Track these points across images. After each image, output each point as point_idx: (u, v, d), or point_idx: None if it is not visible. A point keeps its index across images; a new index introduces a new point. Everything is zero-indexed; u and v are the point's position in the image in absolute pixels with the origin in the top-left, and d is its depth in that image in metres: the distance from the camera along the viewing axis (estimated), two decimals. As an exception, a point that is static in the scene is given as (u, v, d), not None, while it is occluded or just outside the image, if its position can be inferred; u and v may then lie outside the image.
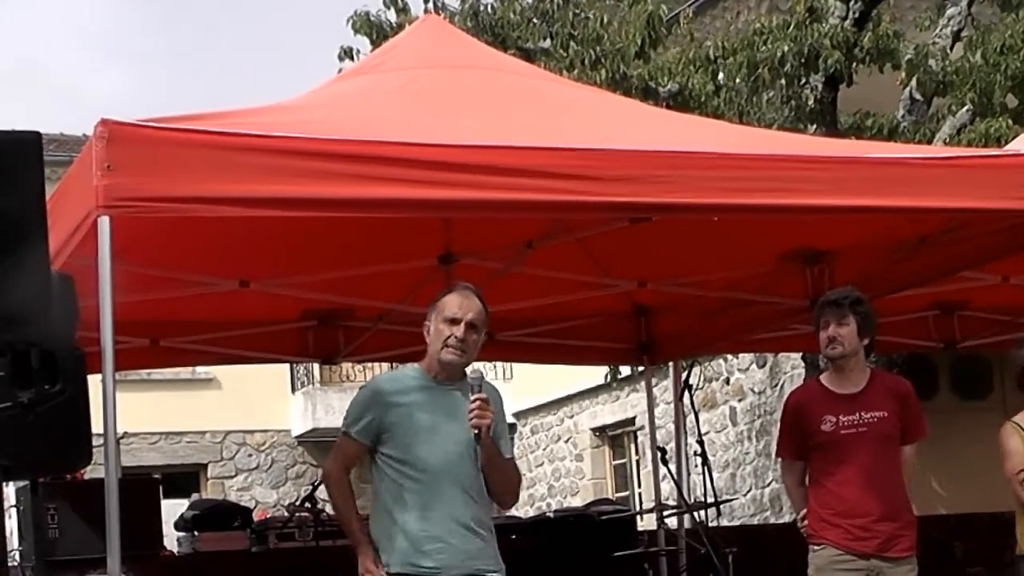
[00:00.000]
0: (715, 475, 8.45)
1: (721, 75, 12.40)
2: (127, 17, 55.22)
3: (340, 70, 11.73)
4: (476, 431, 5.11)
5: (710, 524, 8.20)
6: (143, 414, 18.76)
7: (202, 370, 20.10)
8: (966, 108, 11.91)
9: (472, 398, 5.12)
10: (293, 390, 22.51)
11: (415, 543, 5.11)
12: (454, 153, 5.42)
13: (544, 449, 20.23)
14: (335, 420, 21.42)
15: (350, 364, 19.26)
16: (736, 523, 14.53)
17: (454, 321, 5.20)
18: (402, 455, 5.18)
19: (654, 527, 8.92)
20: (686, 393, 8.18)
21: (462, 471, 5.15)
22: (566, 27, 12.38)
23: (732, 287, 8.14)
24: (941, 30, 12.54)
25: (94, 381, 4.56)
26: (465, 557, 5.14)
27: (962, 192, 6.02)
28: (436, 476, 5.13)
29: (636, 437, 18.23)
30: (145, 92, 48.92)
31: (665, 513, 8.70)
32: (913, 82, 12.17)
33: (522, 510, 18.62)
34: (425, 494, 5.13)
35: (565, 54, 12.14)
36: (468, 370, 5.24)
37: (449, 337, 5.18)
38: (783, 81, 11.97)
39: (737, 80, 12.19)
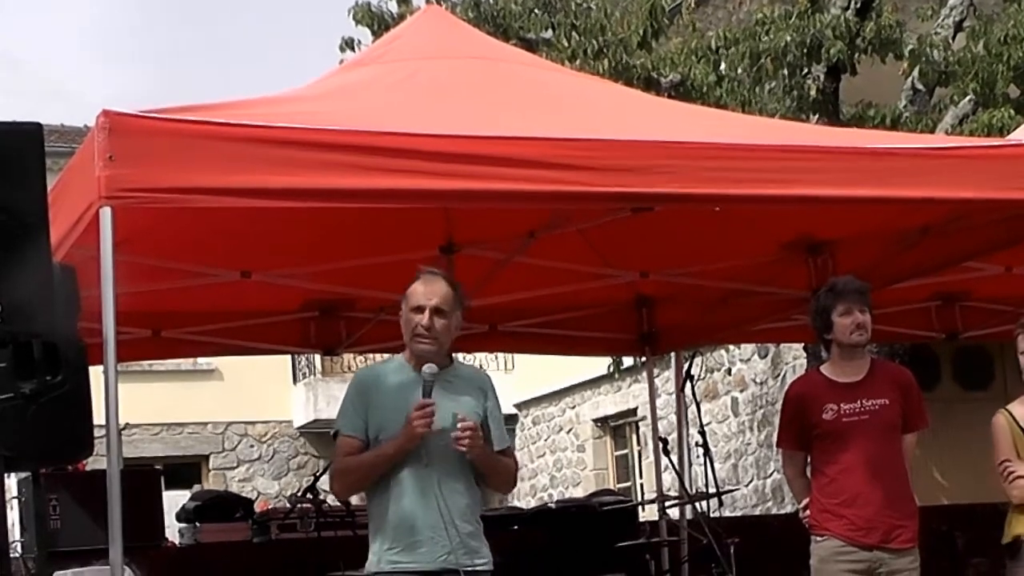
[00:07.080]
0: (717, 466, 8.44)
1: (723, 65, 12.39)
2: (124, 5, 55.18)
3: (341, 61, 11.71)
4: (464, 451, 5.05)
5: (712, 515, 8.19)
6: (145, 405, 18.77)
7: (204, 361, 20.09)
8: (968, 98, 11.90)
9: (460, 426, 5.00)
10: (295, 381, 22.50)
11: (401, 536, 5.07)
12: (456, 144, 5.42)
13: (546, 440, 20.24)
14: (336, 411, 21.44)
15: (352, 355, 19.21)
16: (738, 514, 14.53)
17: (419, 309, 5.13)
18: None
19: (656, 518, 8.92)
20: (688, 384, 8.16)
21: (447, 461, 5.08)
22: (568, 17, 12.37)
23: (734, 277, 8.13)
24: (943, 20, 12.52)
25: (96, 372, 4.57)
26: (453, 548, 5.05)
27: (964, 182, 6.01)
28: (421, 467, 5.07)
29: (638, 428, 18.24)
30: (145, 84, 48.89)
31: (667, 504, 8.71)
32: (915, 72, 12.15)
33: (524, 501, 18.65)
34: (411, 486, 5.07)
35: (567, 44, 12.13)
36: (424, 367, 5.07)
37: (416, 326, 5.12)
38: (785, 71, 11.95)
39: (739, 70, 12.18)
